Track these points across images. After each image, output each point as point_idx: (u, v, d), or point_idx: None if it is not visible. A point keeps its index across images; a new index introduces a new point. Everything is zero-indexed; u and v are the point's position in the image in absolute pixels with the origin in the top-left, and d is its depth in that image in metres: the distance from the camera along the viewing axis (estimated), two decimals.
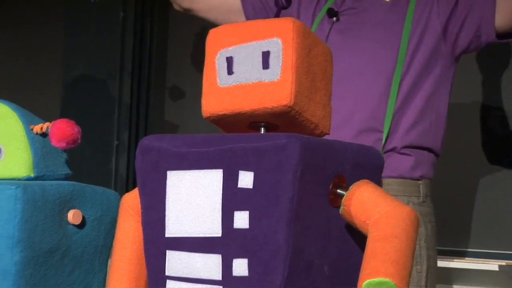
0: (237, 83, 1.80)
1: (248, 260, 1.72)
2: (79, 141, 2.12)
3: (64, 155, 2.15)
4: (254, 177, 1.71)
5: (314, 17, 2.90)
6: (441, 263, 3.24)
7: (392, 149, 2.70)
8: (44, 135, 2.12)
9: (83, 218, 2.09)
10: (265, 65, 1.77)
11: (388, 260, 1.69)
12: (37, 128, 2.11)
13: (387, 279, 1.67)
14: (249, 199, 1.72)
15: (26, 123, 2.13)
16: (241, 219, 1.72)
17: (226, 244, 1.74)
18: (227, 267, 1.74)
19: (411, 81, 2.73)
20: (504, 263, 3.48)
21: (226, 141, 1.77)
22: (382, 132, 2.69)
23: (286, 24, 1.77)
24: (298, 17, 2.96)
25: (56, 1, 4.42)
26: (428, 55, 2.74)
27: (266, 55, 1.77)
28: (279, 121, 1.80)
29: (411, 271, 1.72)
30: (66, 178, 2.15)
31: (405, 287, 1.69)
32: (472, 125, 3.71)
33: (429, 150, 2.78)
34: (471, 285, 3.60)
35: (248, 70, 1.79)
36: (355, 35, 2.78)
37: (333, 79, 2.43)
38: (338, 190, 1.76)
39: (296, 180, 1.69)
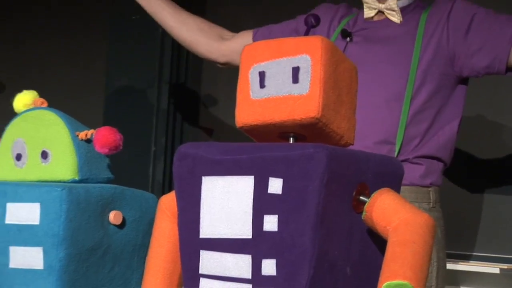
0: (269, 96, 1.81)
1: (276, 260, 1.73)
2: (120, 147, 2.13)
3: (107, 160, 2.17)
4: (283, 183, 1.72)
5: (328, 37, 2.89)
6: (448, 266, 3.24)
7: (404, 160, 2.70)
8: (88, 141, 2.13)
9: (123, 218, 2.10)
10: (295, 79, 1.78)
11: (406, 264, 1.69)
12: (82, 135, 2.13)
13: (405, 282, 1.68)
14: (278, 204, 1.73)
15: (72, 130, 2.14)
16: (270, 223, 1.73)
17: (256, 245, 1.75)
18: (256, 266, 1.75)
19: (422, 100, 2.72)
20: (505, 267, 3.47)
21: (257, 150, 1.78)
22: (395, 144, 2.69)
23: (315, 42, 1.78)
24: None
25: (101, 16, 4.44)
26: (437, 76, 2.73)
27: (296, 70, 1.78)
28: (307, 132, 1.80)
29: (428, 274, 1.73)
30: (108, 181, 2.16)
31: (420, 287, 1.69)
32: (478, 135, 3.70)
33: (439, 159, 2.78)
34: (474, 287, 3.60)
35: (279, 84, 1.80)
36: (368, 55, 2.77)
37: None
38: (361, 197, 1.76)
39: (322, 187, 1.69)
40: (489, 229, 3.66)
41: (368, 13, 2.83)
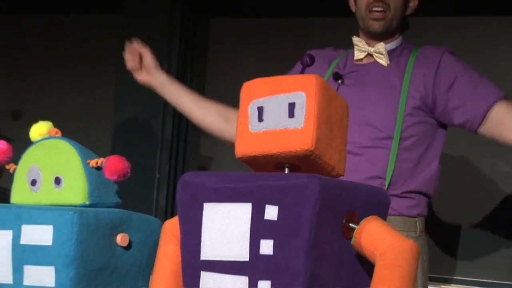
0: (266, 129, 1.82)
1: (271, 282, 1.73)
2: (128, 174, 2.13)
3: (115, 186, 2.17)
4: (278, 210, 1.73)
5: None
6: None
7: (394, 194, 2.70)
8: (98, 168, 2.13)
9: (130, 241, 2.10)
10: (291, 114, 1.79)
11: (392, 286, 1.70)
12: (92, 163, 2.13)
13: None
14: (273, 229, 1.73)
15: (83, 158, 2.14)
16: (266, 247, 1.73)
17: (252, 267, 1.75)
18: (253, 287, 1.75)
19: (410, 140, 2.73)
20: None
21: (255, 179, 1.78)
22: (385, 179, 2.69)
23: (310, 80, 1.79)
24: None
25: (110, 53, 4.45)
26: (423, 119, 2.74)
27: (292, 106, 1.79)
28: (301, 163, 1.81)
29: None
30: (116, 206, 2.16)
31: None
32: (459, 171, 3.72)
33: (425, 194, 2.78)
34: None
35: (276, 118, 1.81)
36: (359, 97, 2.77)
37: None
38: (351, 224, 1.77)
39: (315, 214, 1.70)
40: (469, 255, 3.66)
41: (358, 55, 2.83)
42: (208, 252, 1.81)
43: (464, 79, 2.74)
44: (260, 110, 1.83)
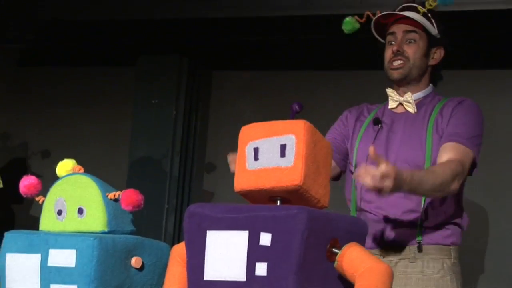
0: (261, 167, 1.82)
1: None
2: (142, 206, 2.13)
3: (130, 216, 2.17)
4: (271, 237, 1.73)
5: (356, 122, 2.88)
6: None
7: (428, 226, 2.66)
8: (116, 200, 2.13)
9: (143, 263, 2.09)
10: (282, 154, 1.79)
11: None
12: (111, 195, 2.13)
13: None
14: (267, 253, 1.73)
15: (103, 191, 2.14)
16: (261, 268, 1.73)
17: (249, 286, 1.74)
18: None
19: None
20: None
21: (251, 210, 1.78)
22: (419, 212, 2.64)
23: (299, 125, 1.79)
24: (346, 121, 2.92)
25: (126, 99, 4.46)
26: None
27: (283, 147, 1.79)
28: (291, 196, 1.81)
29: None
30: (131, 233, 2.16)
31: None
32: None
33: (457, 225, 2.72)
34: None
35: (270, 158, 1.81)
36: (393, 139, 2.74)
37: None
38: (334, 249, 1.76)
39: (303, 241, 1.70)
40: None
41: (391, 104, 2.79)
42: (210, 273, 1.80)
43: (456, 118, 2.71)
44: (256, 150, 1.83)
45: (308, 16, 3.90)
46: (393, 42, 2.75)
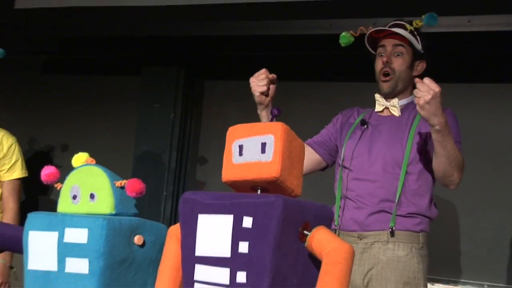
0: (244, 161, 1.81)
1: (246, 272, 1.72)
2: (144, 193, 2.12)
3: (134, 201, 2.16)
4: (252, 221, 1.72)
5: (346, 123, 2.90)
6: (435, 287, 3.20)
7: (400, 214, 2.66)
8: (122, 187, 2.12)
9: (144, 241, 2.09)
10: (263, 151, 1.78)
11: (334, 277, 1.69)
12: (118, 183, 2.12)
13: None
14: (249, 234, 1.72)
15: (111, 180, 2.13)
16: (243, 247, 1.72)
17: (232, 262, 1.74)
18: (233, 276, 1.73)
19: (412, 176, 2.67)
20: None
21: (236, 198, 1.78)
22: (394, 202, 2.64)
23: (277, 126, 1.79)
24: (337, 122, 2.95)
25: (132, 104, 4.45)
26: (423, 158, 2.70)
27: (263, 145, 1.78)
28: (269, 186, 1.80)
29: (348, 285, 1.72)
30: (135, 215, 2.15)
31: None
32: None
33: (425, 216, 2.71)
34: None
35: (252, 154, 1.80)
36: (377, 138, 2.74)
37: (364, 163, 2.62)
38: (305, 232, 1.76)
39: (279, 224, 1.69)
40: (466, 260, 3.57)
41: (378, 107, 2.80)
42: (201, 250, 1.79)
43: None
44: (241, 147, 1.83)
45: (287, 35, 3.90)
46: (383, 54, 2.77)
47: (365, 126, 2.79)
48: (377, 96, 2.83)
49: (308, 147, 2.89)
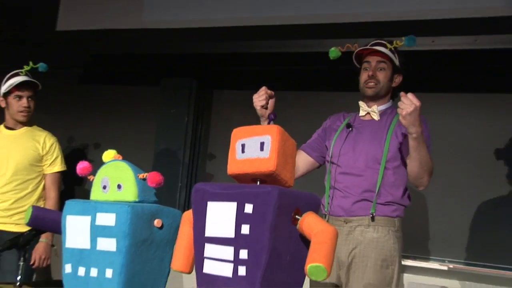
0: (246, 157, 1.81)
1: (248, 250, 1.71)
2: (162, 184, 2.12)
3: (154, 190, 2.15)
4: (253, 207, 1.72)
5: (333, 126, 2.89)
6: (407, 262, 3.19)
7: (380, 203, 2.66)
8: (144, 179, 2.12)
9: (162, 224, 2.08)
10: (261, 149, 1.78)
11: (321, 254, 1.68)
12: (141, 176, 2.11)
13: (320, 264, 1.67)
14: (250, 218, 1.72)
15: (135, 173, 2.13)
16: (245, 229, 1.72)
17: (236, 241, 1.73)
18: (236, 253, 1.73)
19: (390, 170, 2.67)
20: (451, 266, 3.40)
21: (239, 188, 1.77)
22: (374, 192, 2.63)
23: (273, 128, 1.78)
24: (326, 126, 2.94)
25: (153, 109, 4.44)
26: (399, 156, 2.69)
27: (262, 144, 1.78)
28: (267, 178, 1.79)
29: (333, 261, 1.71)
30: (154, 202, 2.14)
31: (329, 268, 1.67)
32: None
33: (401, 204, 2.71)
34: (429, 276, 3.49)
35: (252, 151, 1.80)
36: (360, 138, 2.74)
37: (349, 159, 2.64)
38: (296, 216, 1.75)
39: (275, 210, 1.69)
40: (435, 240, 3.56)
41: (361, 112, 2.81)
42: (209, 231, 1.79)
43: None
44: (243, 146, 1.82)
45: (282, 53, 3.90)
46: (368, 68, 2.78)
47: (350, 128, 2.80)
48: (361, 103, 2.83)
49: (303, 152, 2.90)
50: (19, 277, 2.23)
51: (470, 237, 3.49)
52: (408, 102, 2.36)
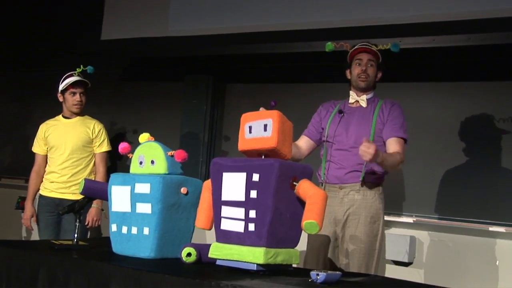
0: (253, 137, 1.79)
1: (256, 210, 1.71)
2: (186, 159, 2.11)
3: (180, 165, 2.14)
4: (259, 176, 1.70)
5: (327, 111, 2.82)
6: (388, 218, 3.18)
7: (368, 172, 2.62)
8: (172, 156, 2.10)
9: (187, 191, 2.07)
10: (265, 130, 1.76)
11: (314, 212, 1.67)
12: (169, 153, 2.10)
13: (313, 221, 1.66)
14: (257, 185, 1.70)
15: (165, 151, 2.12)
16: (253, 194, 1.71)
17: (246, 204, 1.72)
18: (246, 213, 1.72)
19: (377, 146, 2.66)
20: (416, 219, 3.38)
21: (248, 161, 1.76)
22: (363, 164, 2.60)
23: (274, 113, 1.77)
24: (320, 112, 2.85)
25: (178, 102, 4.41)
26: (381, 133, 2.67)
27: (265, 126, 1.76)
28: (270, 153, 1.78)
29: (323, 218, 1.70)
30: (181, 174, 2.13)
31: (320, 223, 1.67)
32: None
33: (383, 173, 2.66)
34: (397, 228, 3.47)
35: (258, 131, 1.78)
36: (351, 122, 2.67)
37: (343, 139, 2.62)
38: (294, 182, 1.74)
39: (277, 178, 1.68)
40: (407, 199, 3.52)
41: (351, 100, 2.74)
42: (225, 196, 1.78)
43: (393, 118, 2.68)
44: (250, 127, 1.80)
45: (282, 53, 3.87)
46: (360, 64, 2.72)
47: (342, 114, 2.76)
48: (351, 92, 2.79)
49: (305, 137, 2.83)
50: (75, 235, 2.23)
51: (435, 196, 3.47)
52: (364, 152, 2.33)
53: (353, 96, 2.78)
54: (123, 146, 2.21)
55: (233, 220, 1.75)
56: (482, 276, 3.24)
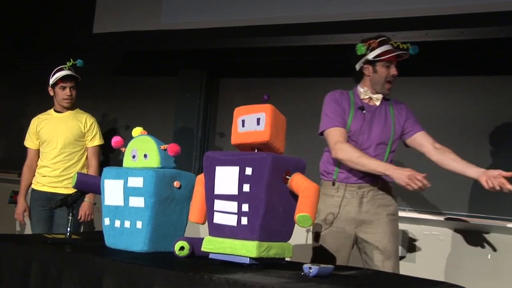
0: (246, 130, 1.80)
1: (249, 204, 1.71)
2: (179, 153, 2.11)
3: (173, 158, 2.14)
4: (252, 170, 1.71)
5: (344, 103, 2.68)
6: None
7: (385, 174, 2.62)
8: (165, 150, 2.11)
9: (180, 185, 2.08)
10: (258, 123, 1.77)
11: (307, 205, 1.68)
12: (162, 147, 2.10)
13: (306, 214, 1.67)
14: (250, 179, 1.71)
15: (158, 145, 2.12)
16: (246, 187, 1.72)
17: (239, 197, 1.73)
18: (239, 207, 1.73)
19: (393, 148, 2.66)
20: (407, 213, 3.39)
21: (240, 155, 1.76)
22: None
23: (267, 107, 1.77)
24: (339, 100, 2.68)
25: (172, 96, 4.40)
26: (397, 135, 2.69)
27: (258, 119, 1.77)
28: (263, 147, 1.78)
29: (316, 211, 1.71)
30: (174, 168, 2.14)
31: (313, 217, 1.67)
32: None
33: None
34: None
35: (251, 125, 1.79)
36: (374, 123, 2.66)
37: (364, 139, 2.59)
38: (287, 176, 1.75)
39: (270, 171, 1.68)
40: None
41: (363, 96, 2.62)
42: (218, 190, 1.78)
43: (411, 116, 2.71)
44: (243, 121, 1.81)
45: (276, 47, 3.86)
46: (389, 67, 2.64)
47: (364, 111, 2.69)
48: (365, 88, 2.69)
49: (342, 129, 2.61)
50: (68, 229, 2.24)
51: (427, 190, 3.49)
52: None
53: (366, 93, 2.71)
54: (116, 140, 2.21)
55: (226, 213, 1.76)
56: (475, 270, 3.27)
